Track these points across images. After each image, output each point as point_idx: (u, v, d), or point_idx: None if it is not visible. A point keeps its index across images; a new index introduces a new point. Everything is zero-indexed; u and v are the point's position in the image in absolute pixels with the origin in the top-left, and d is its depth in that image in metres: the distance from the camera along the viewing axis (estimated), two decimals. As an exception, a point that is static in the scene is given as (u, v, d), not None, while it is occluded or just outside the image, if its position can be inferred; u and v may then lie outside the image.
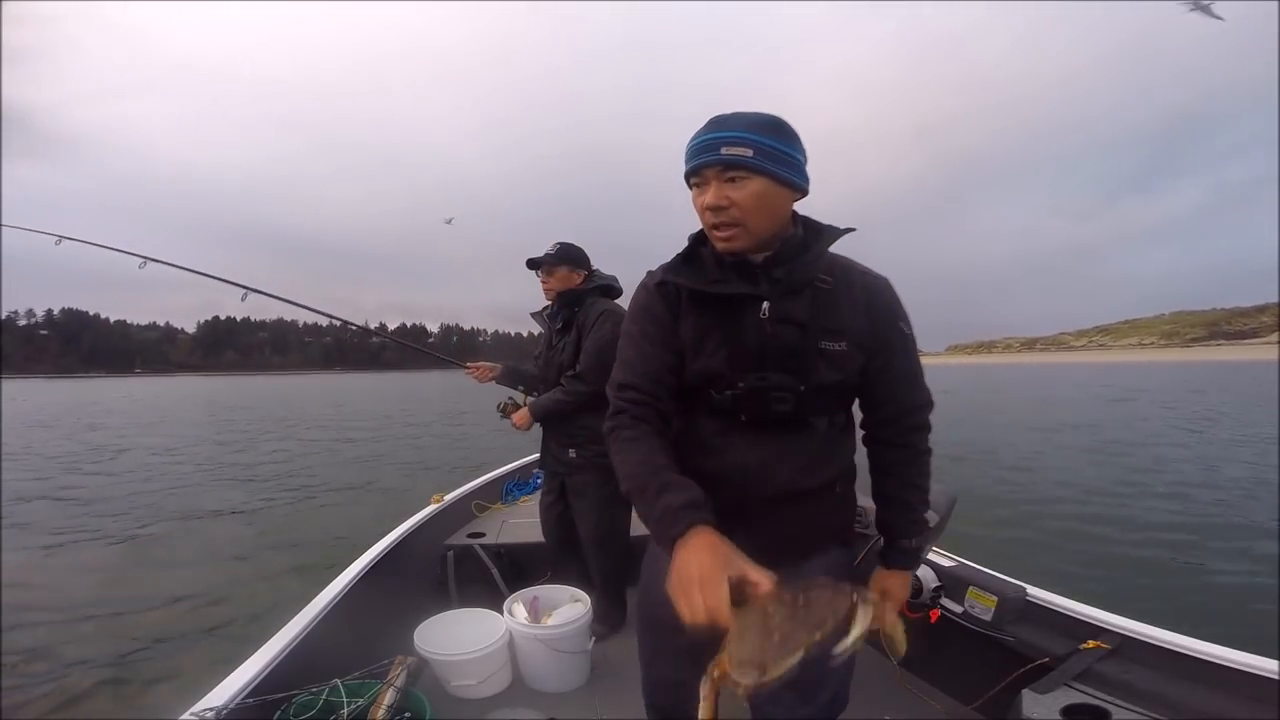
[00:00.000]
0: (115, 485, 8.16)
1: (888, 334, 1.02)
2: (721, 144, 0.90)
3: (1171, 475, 7.72)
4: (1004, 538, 5.13)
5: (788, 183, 0.93)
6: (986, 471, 8.14)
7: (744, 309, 0.99)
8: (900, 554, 1.11)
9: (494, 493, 3.28)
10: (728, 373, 0.99)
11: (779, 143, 0.92)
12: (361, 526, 5.41)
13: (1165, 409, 17.61)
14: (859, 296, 1.01)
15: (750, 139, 0.90)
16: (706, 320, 1.01)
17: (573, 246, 2.30)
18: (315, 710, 1.44)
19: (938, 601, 1.82)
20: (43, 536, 5.59)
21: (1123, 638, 1.51)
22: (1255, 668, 1.29)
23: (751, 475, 1.01)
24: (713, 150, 0.91)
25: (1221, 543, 4.98)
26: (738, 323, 0.99)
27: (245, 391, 42.38)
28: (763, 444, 1.01)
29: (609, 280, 2.34)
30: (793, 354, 0.97)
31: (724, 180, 0.92)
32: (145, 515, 6.44)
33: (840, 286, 1.00)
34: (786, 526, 1.03)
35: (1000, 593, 1.70)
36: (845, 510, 1.12)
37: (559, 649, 1.96)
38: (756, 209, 0.92)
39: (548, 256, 2.27)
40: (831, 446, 1.05)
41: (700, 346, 1.01)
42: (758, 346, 0.98)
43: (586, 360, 2.17)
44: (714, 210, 0.93)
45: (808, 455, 1.02)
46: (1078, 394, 26.27)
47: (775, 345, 0.98)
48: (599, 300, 2.26)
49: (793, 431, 1.01)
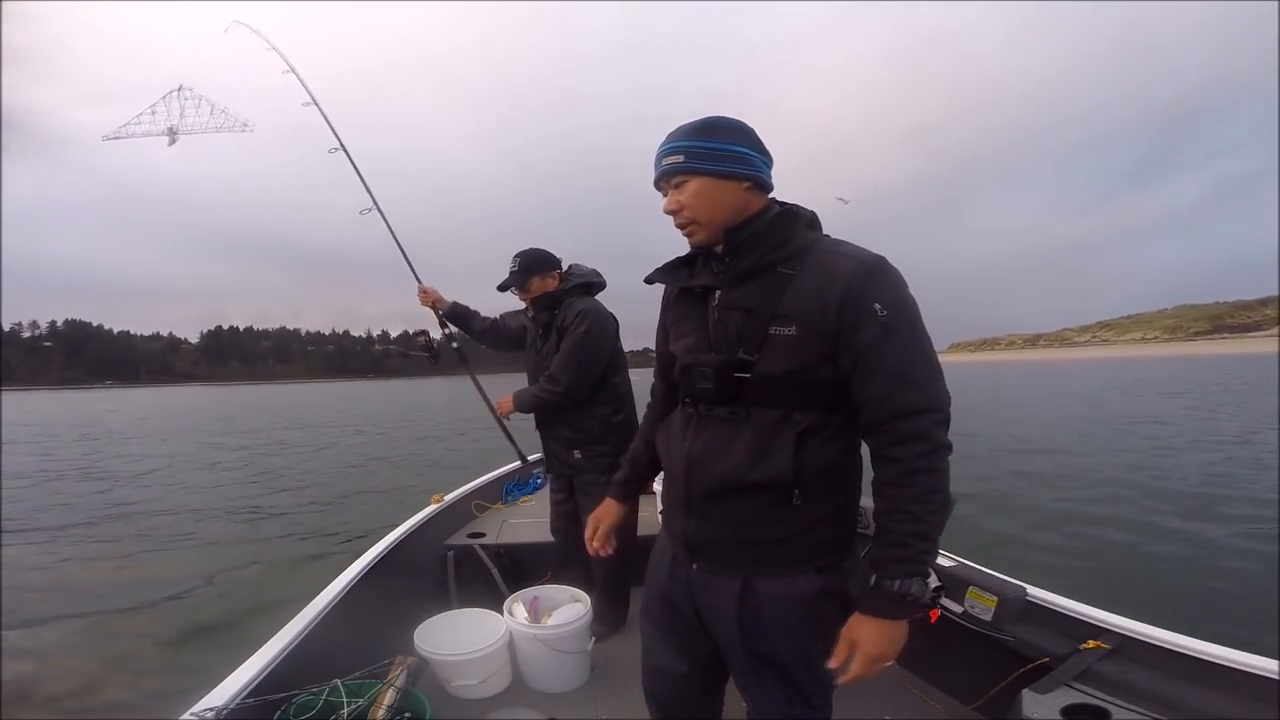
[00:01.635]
0: (122, 490, 8.21)
1: (851, 316, 0.91)
2: (662, 157, 1.02)
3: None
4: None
5: (728, 175, 0.99)
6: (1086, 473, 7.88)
7: (707, 299, 1.06)
8: (878, 596, 0.92)
9: (494, 493, 3.29)
10: (688, 357, 1.06)
11: (709, 141, 0.98)
12: (361, 527, 5.44)
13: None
14: (818, 277, 0.94)
15: (681, 145, 1.00)
16: (682, 311, 1.12)
17: (533, 252, 2.23)
18: (315, 710, 1.44)
19: (938, 601, 1.81)
20: (41, 536, 5.62)
21: (1123, 638, 1.50)
22: (1255, 668, 1.28)
23: (693, 463, 1.03)
24: (658, 164, 1.03)
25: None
26: (702, 311, 1.06)
27: (247, 401, 42.44)
28: (708, 433, 1.03)
29: (588, 276, 2.29)
30: (739, 339, 0.99)
31: (673, 187, 1.02)
32: (148, 515, 6.47)
33: (805, 272, 0.96)
34: (726, 525, 1.02)
35: (1000, 593, 1.70)
36: (816, 528, 0.99)
37: (559, 649, 1.96)
38: (702, 205, 1.00)
39: (513, 276, 2.22)
40: (779, 443, 0.95)
41: (677, 334, 1.13)
42: (710, 333, 1.04)
43: (558, 362, 2.15)
44: (671, 214, 1.04)
45: (748, 446, 0.97)
46: (1115, 389, 25.54)
47: (721, 331, 1.02)
48: (576, 300, 2.22)
49: (738, 422, 0.99)
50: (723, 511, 1.01)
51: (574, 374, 2.13)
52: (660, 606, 1.18)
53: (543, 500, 2.71)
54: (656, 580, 1.19)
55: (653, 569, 1.21)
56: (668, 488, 1.13)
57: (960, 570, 1.85)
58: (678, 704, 1.22)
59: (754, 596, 1.01)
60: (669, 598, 1.15)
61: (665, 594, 1.16)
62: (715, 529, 1.03)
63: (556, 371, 2.15)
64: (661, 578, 1.17)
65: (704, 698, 1.23)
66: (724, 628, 1.06)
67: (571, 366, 2.12)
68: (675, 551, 1.14)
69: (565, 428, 2.25)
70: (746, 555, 1.02)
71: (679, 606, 1.13)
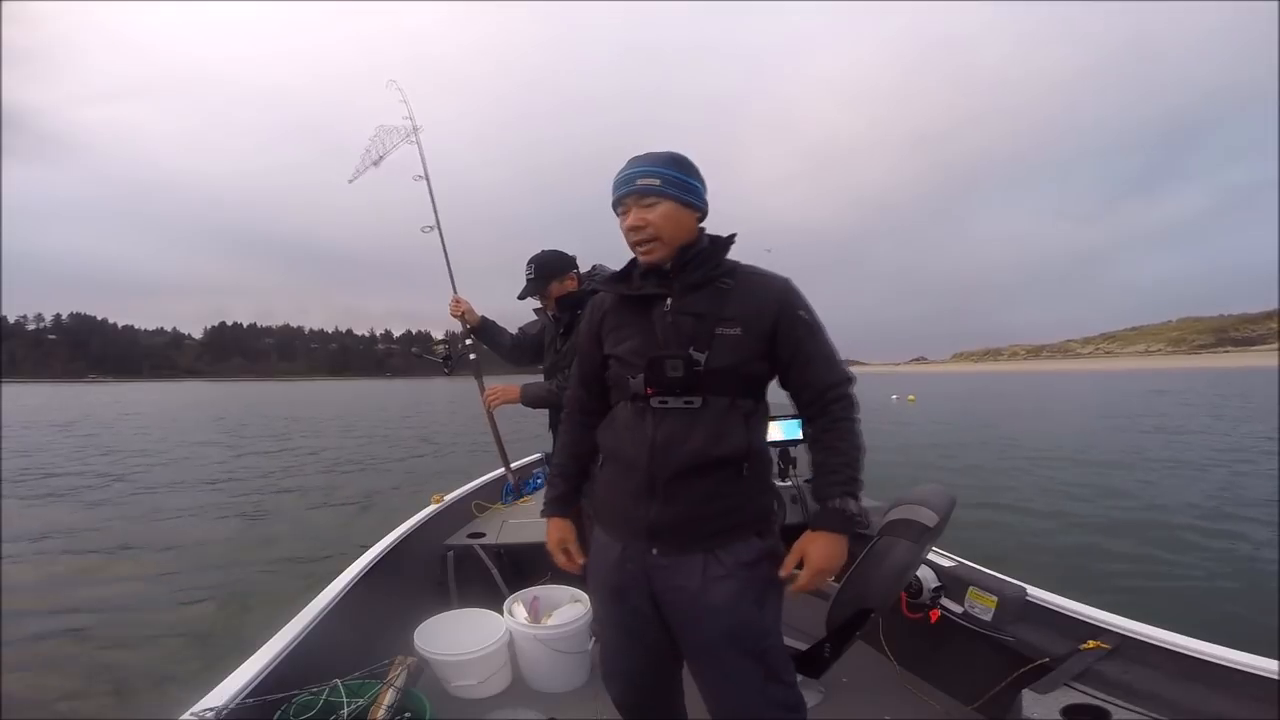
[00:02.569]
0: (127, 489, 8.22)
1: (787, 320, 1.16)
2: (637, 177, 1.14)
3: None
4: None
5: (689, 204, 1.17)
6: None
7: (653, 306, 1.18)
8: (824, 515, 1.15)
9: (494, 493, 3.28)
10: (634, 358, 1.17)
11: (680, 173, 1.16)
12: (362, 526, 5.44)
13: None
14: (753, 290, 1.17)
15: (657, 171, 1.14)
16: (623, 317, 1.23)
17: (546, 257, 2.21)
18: (315, 710, 1.44)
19: (938, 601, 1.81)
20: (42, 537, 5.63)
21: (1122, 638, 1.50)
22: (1255, 668, 1.29)
23: (658, 450, 1.13)
24: (630, 182, 1.15)
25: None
26: (648, 317, 1.18)
27: (248, 398, 42.46)
28: (669, 422, 1.14)
29: (609, 274, 2.29)
30: (691, 339, 1.13)
31: (641, 205, 1.15)
32: (152, 516, 6.47)
33: (739, 285, 1.17)
34: (695, 504, 1.13)
35: (1000, 593, 1.70)
36: (757, 496, 1.19)
37: (559, 649, 1.97)
38: (666, 226, 1.15)
39: (531, 284, 2.20)
40: (733, 425, 1.13)
41: (617, 339, 1.22)
42: (661, 334, 1.16)
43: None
44: (634, 230, 1.15)
45: (707, 428, 1.12)
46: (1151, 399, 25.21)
47: (675, 332, 1.15)
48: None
49: (696, 410, 1.13)
50: (686, 491, 1.13)
51: None
52: (611, 603, 1.23)
53: (542, 500, 2.71)
54: (602, 578, 1.24)
55: (595, 570, 1.26)
56: (619, 481, 1.20)
57: (960, 570, 1.85)
58: (641, 704, 1.31)
59: (717, 567, 1.13)
60: (620, 591, 1.20)
61: (616, 587, 1.20)
62: (680, 509, 1.13)
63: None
64: (608, 574, 1.21)
65: (665, 694, 1.32)
66: (689, 605, 1.13)
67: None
68: (625, 543, 1.19)
69: None
70: (707, 529, 1.14)
71: (631, 598, 1.19)
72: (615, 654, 1.29)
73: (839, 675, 1.98)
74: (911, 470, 8.73)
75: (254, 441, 13.90)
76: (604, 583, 1.23)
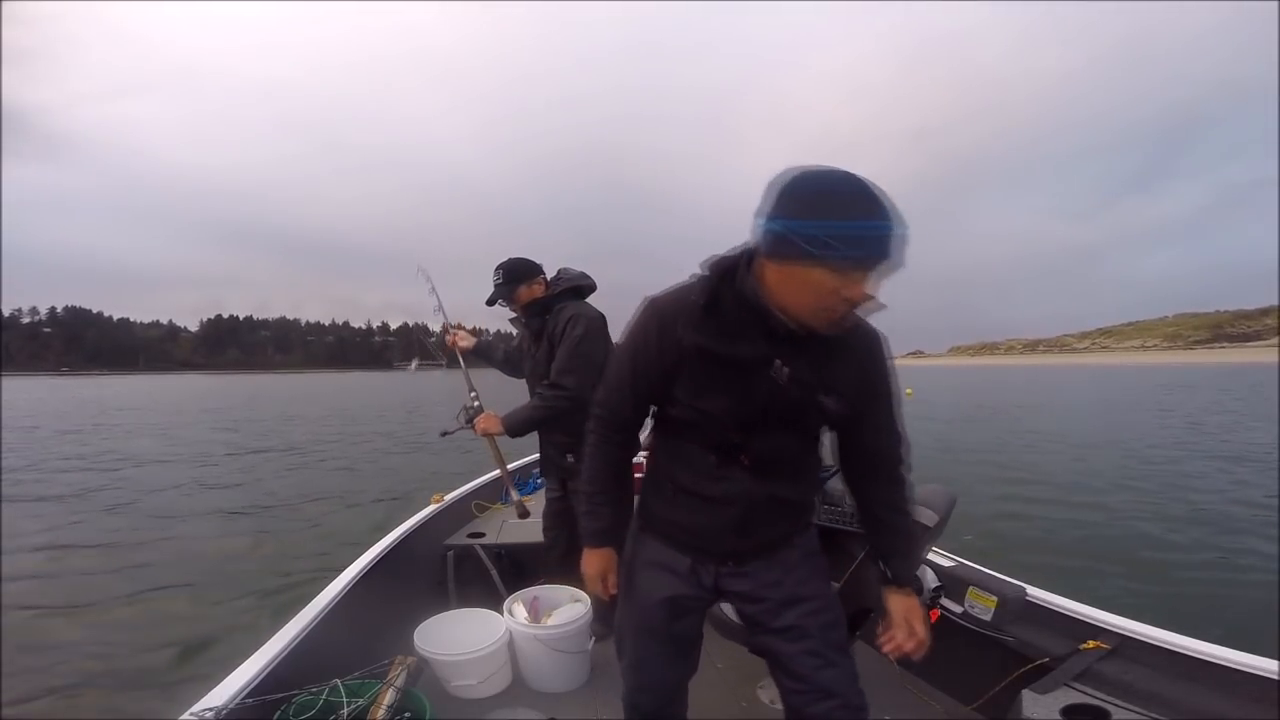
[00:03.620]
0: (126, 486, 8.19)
1: (879, 385, 1.10)
2: (894, 243, 0.85)
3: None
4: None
5: None
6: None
7: (757, 367, 1.02)
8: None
9: (494, 493, 3.28)
10: (727, 419, 1.05)
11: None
12: (361, 527, 5.43)
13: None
14: (857, 350, 1.07)
15: (904, 234, 0.86)
16: (713, 369, 1.03)
17: (514, 263, 2.22)
18: (315, 710, 1.44)
19: (938, 601, 1.81)
20: (42, 536, 5.61)
21: (1122, 638, 1.50)
22: (1255, 668, 1.29)
23: (757, 501, 1.10)
24: (886, 246, 0.85)
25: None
26: (745, 375, 1.03)
27: (244, 390, 42.33)
28: (766, 480, 1.10)
29: (576, 280, 2.26)
30: (799, 410, 1.04)
31: (878, 274, 0.87)
32: (152, 516, 6.46)
33: (838, 340, 1.00)
34: (774, 529, 1.17)
35: (1000, 593, 1.70)
36: (813, 501, 1.31)
37: (559, 649, 1.97)
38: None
39: (499, 289, 2.21)
40: (812, 468, 1.19)
41: (698, 389, 1.06)
42: (765, 401, 1.03)
43: (561, 364, 2.10)
44: (852, 303, 0.89)
45: (792, 480, 1.14)
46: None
47: (782, 402, 1.03)
48: (566, 305, 2.19)
49: (792, 470, 1.13)
50: (769, 526, 1.15)
51: (580, 373, 2.08)
52: (666, 614, 1.19)
53: (542, 501, 2.71)
54: (662, 590, 1.19)
55: (649, 585, 1.21)
56: (696, 515, 1.15)
57: (960, 570, 1.85)
58: (668, 710, 1.29)
59: (790, 553, 1.18)
60: (680, 603, 1.19)
61: (675, 599, 1.18)
62: (762, 538, 1.15)
63: (559, 374, 2.09)
64: (673, 585, 1.19)
65: (684, 703, 1.33)
66: (770, 593, 1.16)
67: (575, 366, 2.08)
68: (694, 558, 1.18)
69: (560, 432, 2.21)
70: (780, 540, 1.18)
71: (690, 610, 1.20)
72: (659, 667, 1.24)
73: None
74: (920, 467, 8.68)
75: (250, 440, 13.80)
76: (662, 594, 1.18)
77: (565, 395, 2.09)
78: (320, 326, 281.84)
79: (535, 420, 2.16)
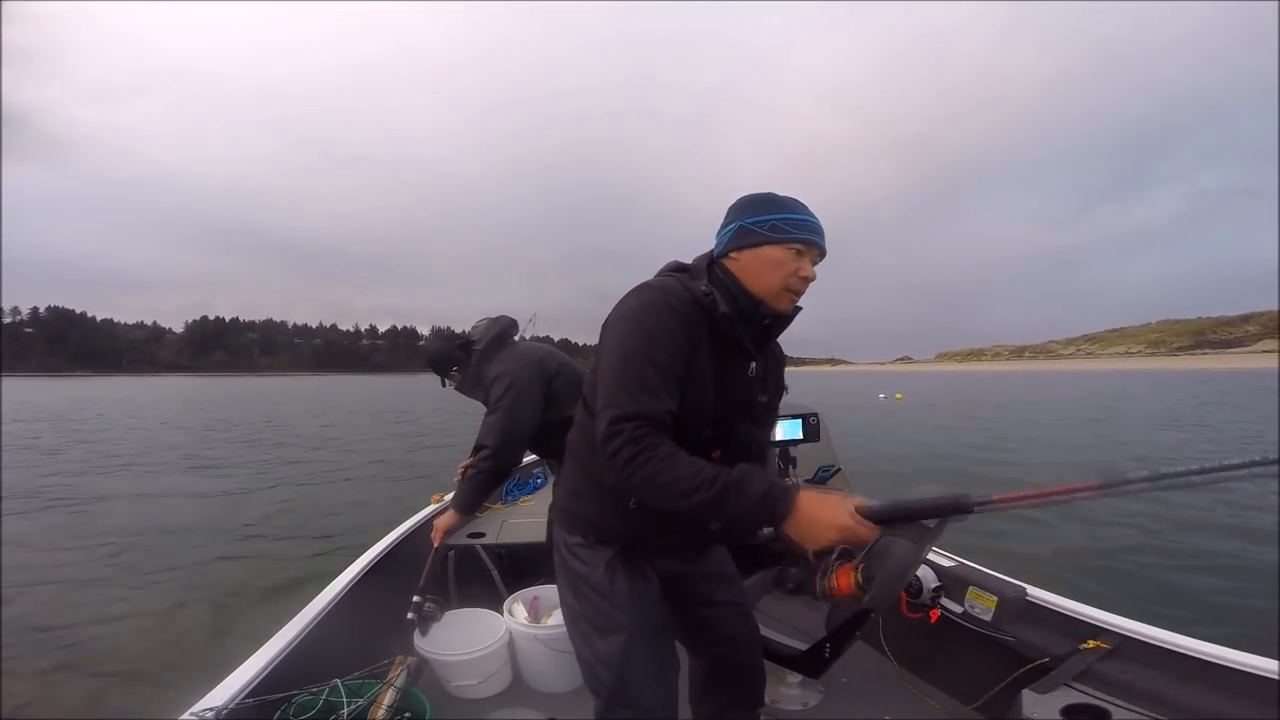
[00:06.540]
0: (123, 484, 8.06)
1: (782, 386, 1.28)
2: (821, 232, 1.10)
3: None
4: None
5: None
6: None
7: (739, 361, 1.12)
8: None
9: (494, 493, 3.27)
10: (709, 413, 1.07)
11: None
12: (361, 527, 5.38)
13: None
14: (778, 357, 1.24)
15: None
16: (714, 363, 1.08)
17: (435, 354, 2.38)
18: (315, 710, 1.43)
19: (938, 601, 1.82)
20: (42, 536, 5.51)
21: (1122, 638, 1.51)
22: (1255, 668, 1.30)
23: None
24: (820, 234, 1.09)
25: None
26: (729, 372, 1.10)
27: (224, 394, 41.83)
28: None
29: (487, 333, 2.27)
30: (764, 407, 1.18)
31: (817, 258, 1.10)
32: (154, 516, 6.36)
33: (773, 346, 1.21)
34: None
35: (1000, 593, 1.71)
36: None
37: (559, 649, 1.95)
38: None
39: (440, 379, 2.40)
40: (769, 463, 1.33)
41: (699, 384, 1.05)
42: (740, 399, 1.12)
43: (483, 430, 2.15)
44: (805, 280, 1.09)
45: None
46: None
47: (755, 402, 1.16)
48: (493, 363, 2.23)
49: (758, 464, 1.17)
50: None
51: (500, 435, 2.11)
52: (642, 618, 1.17)
53: (543, 500, 2.70)
54: (635, 598, 1.17)
55: (612, 592, 1.15)
56: (662, 525, 1.13)
57: (960, 570, 1.86)
58: (663, 706, 1.17)
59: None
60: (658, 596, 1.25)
61: (642, 606, 1.19)
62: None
63: (481, 436, 2.14)
64: (644, 584, 1.20)
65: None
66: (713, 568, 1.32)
67: (498, 428, 2.11)
68: (667, 565, 1.26)
69: (554, 443, 2.23)
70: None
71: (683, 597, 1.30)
72: (671, 659, 1.20)
73: (839, 675, 2.00)
74: (913, 470, 8.77)
75: (237, 449, 13.62)
76: (642, 592, 1.19)
77: (487, 455, 2.14)
78: (308, 329, 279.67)
79: (475, 489, 2.21)
